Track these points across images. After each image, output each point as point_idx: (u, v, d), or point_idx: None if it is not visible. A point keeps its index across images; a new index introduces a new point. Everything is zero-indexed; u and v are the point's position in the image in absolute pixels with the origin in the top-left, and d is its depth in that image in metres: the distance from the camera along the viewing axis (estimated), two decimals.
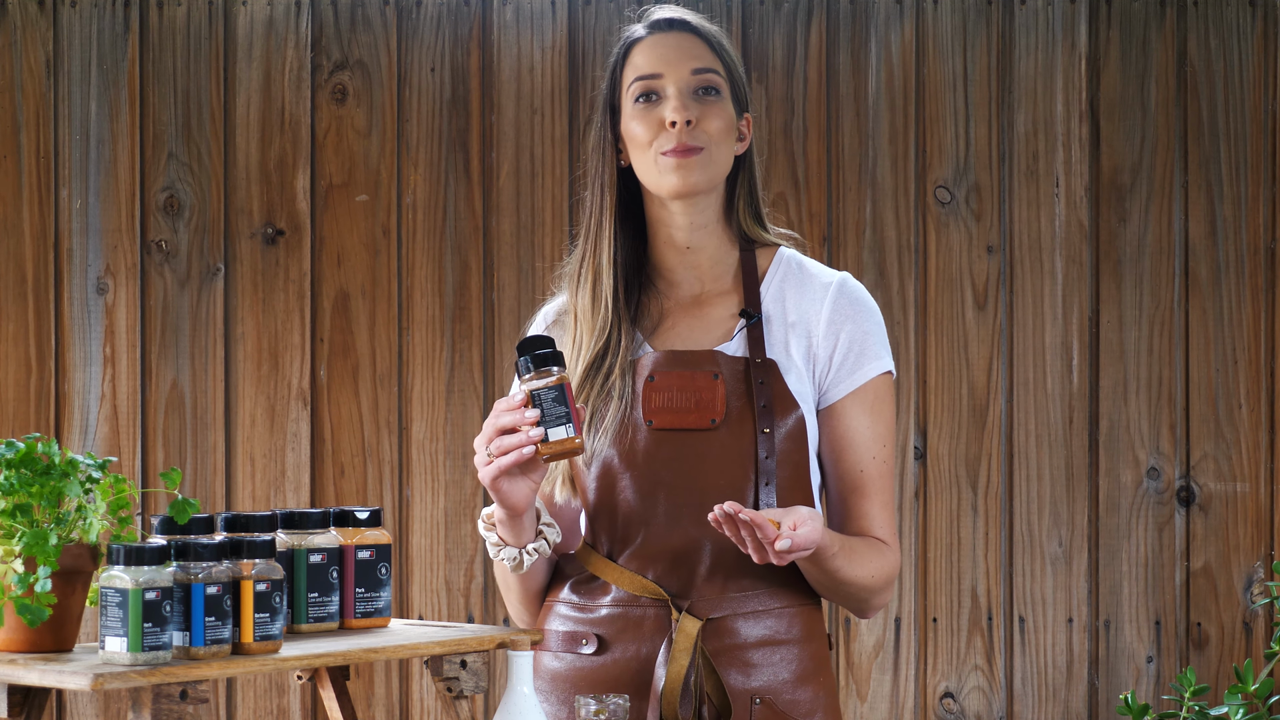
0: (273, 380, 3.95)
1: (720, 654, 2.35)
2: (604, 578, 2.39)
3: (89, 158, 3.95)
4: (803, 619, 2.39)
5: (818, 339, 2.40)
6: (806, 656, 2.38)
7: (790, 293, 2.43)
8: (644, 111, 2.39)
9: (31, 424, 3.93)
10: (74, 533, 2.02)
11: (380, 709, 3.95)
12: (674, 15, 2.42)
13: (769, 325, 2.41)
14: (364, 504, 3.92)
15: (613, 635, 2.37)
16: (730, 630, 2.35)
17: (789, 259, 2.46)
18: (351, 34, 3.96)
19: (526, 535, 2.34)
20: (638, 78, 2.40)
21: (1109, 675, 3.94)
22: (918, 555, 3.95)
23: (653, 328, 2.44)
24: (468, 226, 3.96)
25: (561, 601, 2.42)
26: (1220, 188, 3.95)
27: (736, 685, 2.34)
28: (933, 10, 3.96)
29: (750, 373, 2.37)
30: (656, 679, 2.32)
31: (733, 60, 2.43)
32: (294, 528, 2.19)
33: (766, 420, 2.35)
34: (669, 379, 2.37)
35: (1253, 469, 3.94)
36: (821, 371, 2.40)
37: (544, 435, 2.21)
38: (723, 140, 2.39)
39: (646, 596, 2.36)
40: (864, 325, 2.42)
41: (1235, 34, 3.95)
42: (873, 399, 2.41)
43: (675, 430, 2.36)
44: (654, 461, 2.36)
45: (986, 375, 3.95)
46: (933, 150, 3.96)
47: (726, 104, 2.40)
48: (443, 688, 2.16)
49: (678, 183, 2.38)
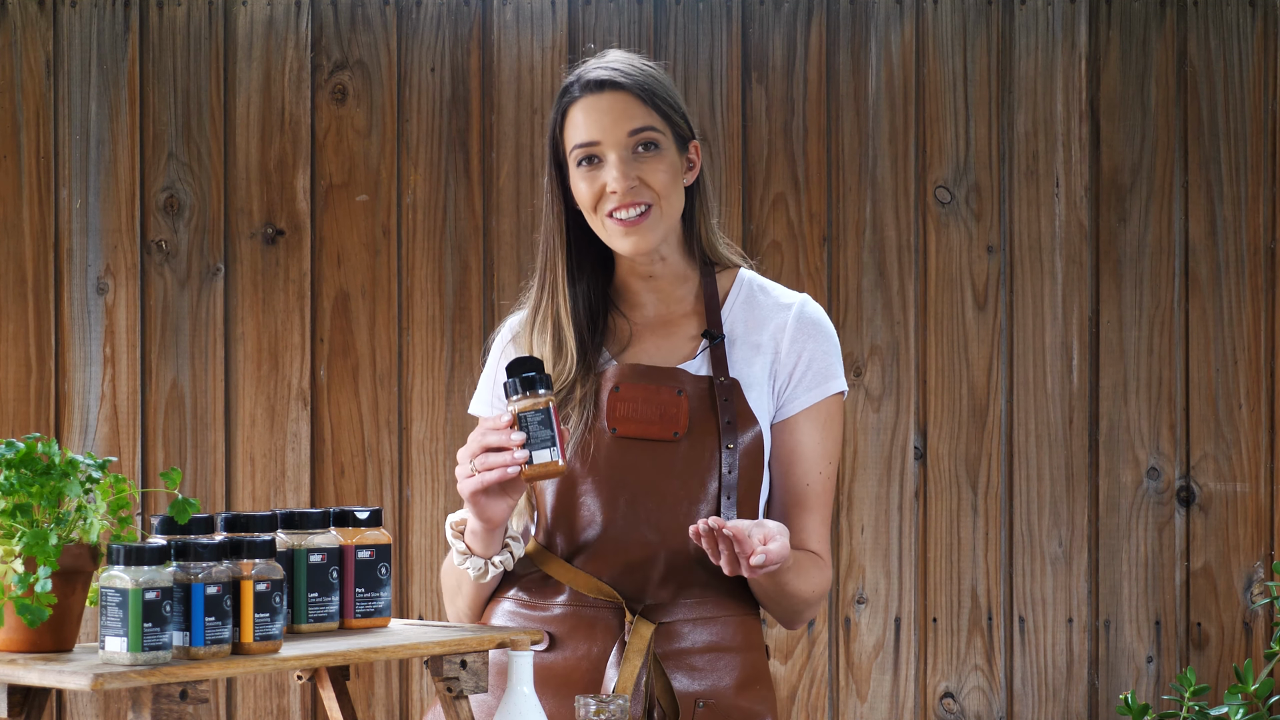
0: (273, 380, 3.95)
1: (668, 658, 2.41)
2: (558, 578, 2.44)
3: (89, 158, 3.95)
4: (744, 628, 2.47)
5: (780, 356, 2.48)
6: (748, 664, 2.45)
7: (752, 314, 2.51)
8: (587, 175, 2.44)
9: (31, 424, 3.93)
10: (74, 533, 2.02)
11: (380, 709, 3.95)
12: (604, 75, 2.45)
13: (731, 345, 2.48)
14: (364, 504, 3.92)
15: (564, 634, 2.42)
16: (678, 635, 2.42)
17: (749, 281, 2.54)
18: (351, 34, 3.96)
19: (495, 548, 2.41)
20: (576, 145, 2.45)
21: (1109, 675, 3.94)
22: (918, 555, 3.95)
23: (618, 344, 2.50)
24: (468, 226, 3.96)
25: (509, 599, 2.47)
26: (1220, 188, 3.95)
27: (682, 688, 2.41)
28: (933, 10, 3.96)
29: (714, 390, 2.43)
30: (608, 679, 2.38)
31: (667, 101, 2.46)
32: (294, 528, 2.19)
33: (730, 436, 2.42)
34: (634, 390, 2.43)
35: (1253, 469, 3.94)
36: (781, 386, 2.48)
37: (529, 458, 2.26)
38: (670, 189, 2.44)
39: (600, 598, 2.42)
40: (824, 346, 2.49)
41: (1235, 34, 3.95)
42: (825, 417, 2.48)
43: (638, 439, 2.42)
44: (616, 467, 2.42)
45: (986, 375, 3.95)
46: (933, 150, 3.96)
47: (667, 152, 2.45)
48: (443, 688, 2.16)
49: (629, 247, 2.45)
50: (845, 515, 3.95)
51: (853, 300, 3.95)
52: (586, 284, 2.52)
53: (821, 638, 3.95)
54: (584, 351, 2.47)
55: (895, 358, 3.94)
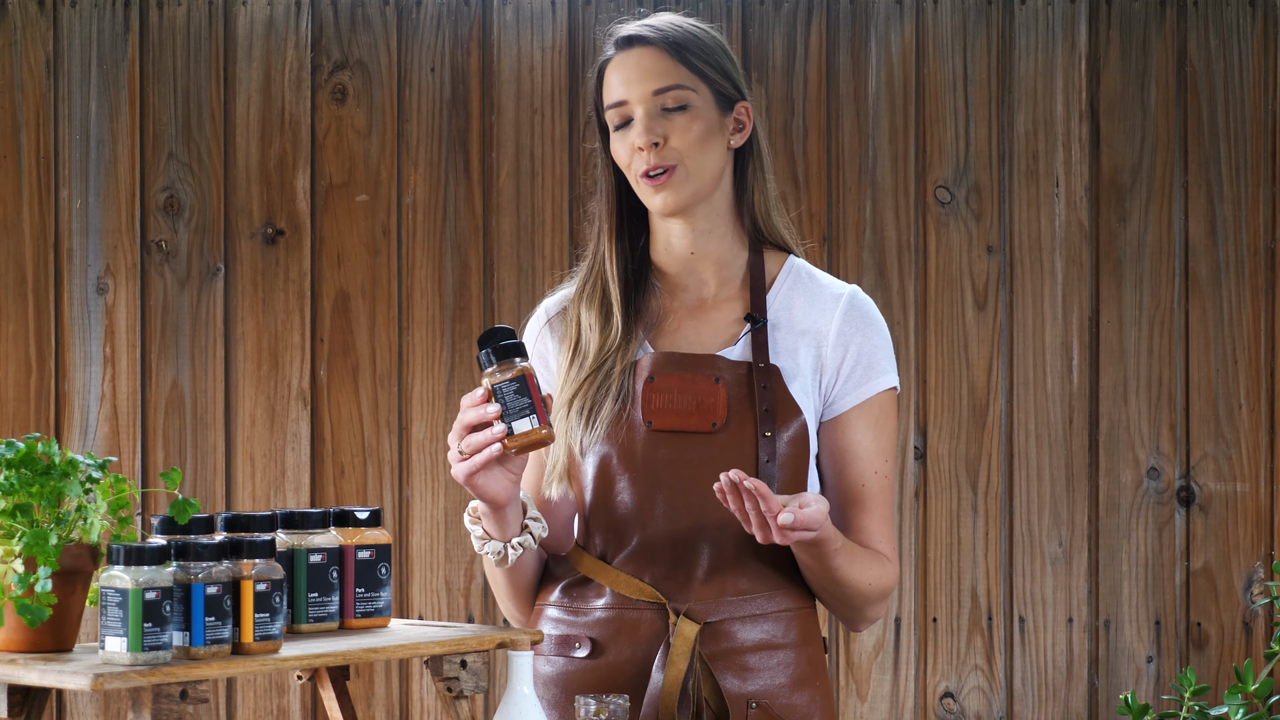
0: (273, 380, 3.95)
1: (716, 658, 2.34)
2: (597, 580, 2.37)
3: (89, 158, 3.95)
4: (799, 622, 2.38)
5: (827, 349, 2.40)
6: (803, 660, 2.37)
7: (799, 300, 2.42)
8: (621, 137, 2.39)
9: (31, 424, 3.93)
10: (74, 533, 2.02)
11: (380, 709, 3.95)
12: (633, 31, 2.40)
13: (775, 331, 2.40)
14: (364, 504, 3.92)
15: (607, 638, 2.36)
16: (727, 634, 2.34)
17: (799, 267, 2.45)
18: (351, 34, 3.96)
19: (511, 529, 2.31)
20: (610, 105, 2.40)
21: (1109, 675, 3.94)
22: (918, 555, 3.95)
23: (655, 328, 2.42)
24: (468, 226, 3.96)
25: (551, 604, 2.41)
26: (1220, 188, 3.95)
27: (733, 689, 2.33)
28: (933, 10, 3.96)
29: (753, 377, 2.36)
30: (653, 682, 2.31)
31: (704, 59, 2.39)
32: (294, 528, 2.19)
33: (768, 424, 2.34)
34: (669, 381, 2.36)
35: (1253, 469, 3.94)
36: (829, 382, 2.40)
37: (509, 429, 2.20)
38: (698, 149, 2.36)
39: (642, 599, 2.35)
40: (873, 339, 2.42)
41: (1235, 34, 3.95)
42: (878, 413, 2.41)
43: (675, 432, 2.34)
44: (652, 462, 2.34)
45: (986, 375, 3.95)
46: (933, 150, 3.96)
47: (699, 111, 2.37)
48: (443, 688, 2.16)
49: (659, 205, 2.37)
50: None
51: None
52: (635, 258, 2.44)
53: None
54: (629, 322, 2.40)
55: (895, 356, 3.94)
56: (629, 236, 2.46)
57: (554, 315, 2.48)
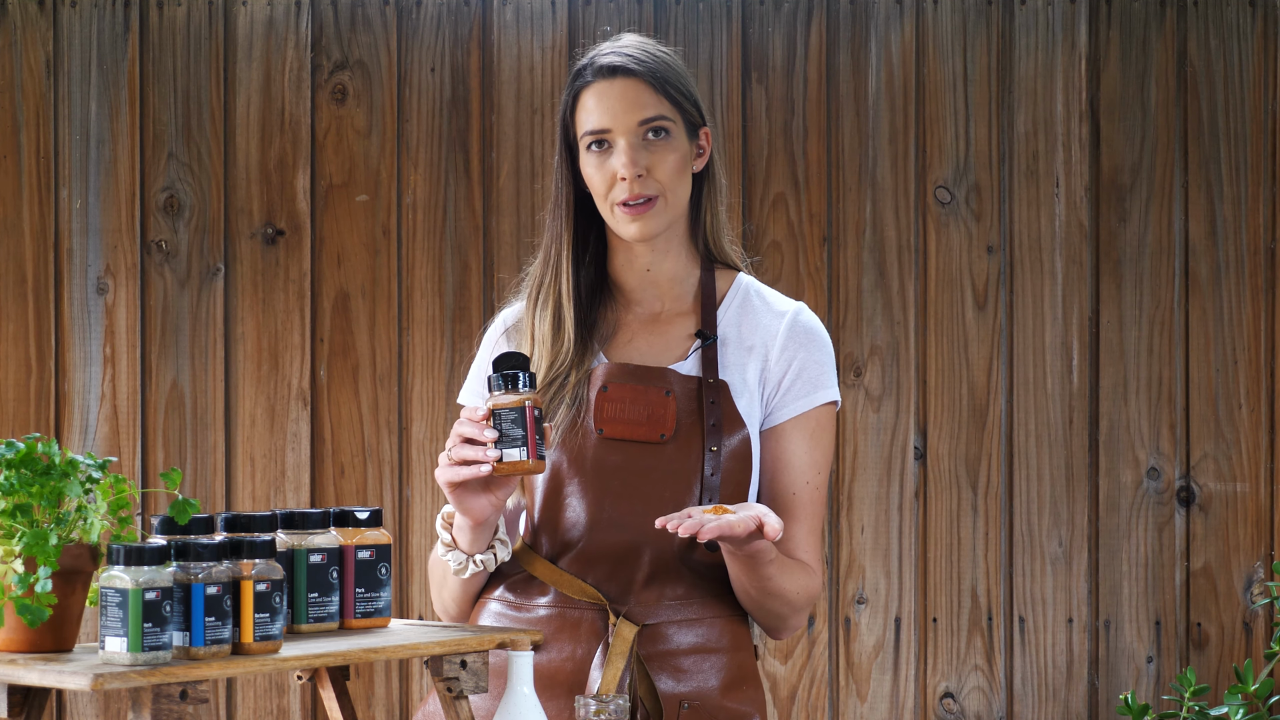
0: (273, 380, 3.95)
1: (652, 659, 2.40)
2: (542, 579, 2.44)
3: (89, 158, 3.95)
4: (731, 629, 2.45)
5: (771, 363, 2.46)
6: (734, 665, 2.44)
7: (747, 318, 2.49)
8: (597, 160, 2.44)
9: (31, 424, 3.93)
10: (74, 533, 2.02)
11: (380, 709, 3.95)
12: (617, 61, 2.45)
13: (724, 347, 2.47)
14: (364, 504, 3.92)
15: (549, 635, 2.42)
16: (663, 636, 2.41)
17: (748, 285, 2.53)
18: (351, 34, 3.96)
19: (479, 546, 2.41)
20: (588, 130, 2.44)
21: (1109, 675, 3.94)
22: (918, 555, 3.95)
23: (610, 339, 2.49)
24: (468, 226, 3.96)
25: (495, 600, 2.47)
26: (1220, 188, 3.95)
27: (667, 690, 2.40)
28: (933, 10, 3.96)
29: (702, 392, 2.42)
30: (591, 680, 2.37)
31: (679, 88, 2.46)
32: (294, 528, 2.19)
33: (715, 439, 2.41)
34: (622, 391, 2.42)
35: (1253, 469, 3.94)
36: (770, 393, 2.46)
37: (499, 456, 2.26)
38: (677, 179, 2.44)
39: (584, 600, 2.42)
40: (816, 355, 2.48)
41: (1235, 34, 3.95)
42: (814, 426, 2.47)
43: (625, 441, 2.41)
44: (602, 469, 2.41)
45: (986, 375, 3.95)
46: (933, 150, 3.96)
47: (677, 140, 2.44)
48: (443, 688, 2.16)
49: (635, 233, 2.44)
50: (845, 515, 3.95)
51: (853, 300, 3.95)
52: (590, 271, 2.51)
53: (821, 638, 3.95)
54: (582, 335, 2.47)
55: (895, 358, 3.94)
56: (587, 251, 2.52)
57: (510, 326, 2.55)
